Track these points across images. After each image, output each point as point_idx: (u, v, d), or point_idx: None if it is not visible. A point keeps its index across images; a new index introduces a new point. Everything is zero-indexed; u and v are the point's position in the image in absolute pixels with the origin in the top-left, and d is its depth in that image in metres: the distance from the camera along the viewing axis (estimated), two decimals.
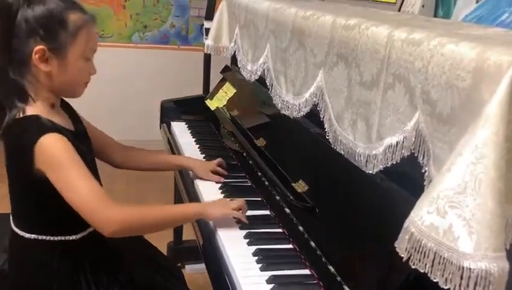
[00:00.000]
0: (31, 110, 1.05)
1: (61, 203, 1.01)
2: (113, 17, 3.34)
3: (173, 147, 1.80)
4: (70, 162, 1.00)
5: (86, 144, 1.18)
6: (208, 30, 1.96)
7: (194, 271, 2.14)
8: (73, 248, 1.08)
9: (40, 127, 1.02)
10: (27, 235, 1.09)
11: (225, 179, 1.45)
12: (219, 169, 1.47)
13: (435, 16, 1.26)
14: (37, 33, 1.01)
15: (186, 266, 2.20)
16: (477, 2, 1.08)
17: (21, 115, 1.04)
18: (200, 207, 1.19)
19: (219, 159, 1.51)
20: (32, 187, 1.03)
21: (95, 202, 1.00)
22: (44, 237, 1.08)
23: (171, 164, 1.52)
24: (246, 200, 1.32)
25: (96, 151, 1.25)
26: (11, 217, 1.13)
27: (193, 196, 1.40)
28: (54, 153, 1.00)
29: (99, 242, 1.12)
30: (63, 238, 1.09)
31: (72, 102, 1.21)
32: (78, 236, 1.10)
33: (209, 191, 1.39)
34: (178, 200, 2.15)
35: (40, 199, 1.03)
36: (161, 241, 1.94)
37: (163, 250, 2.09)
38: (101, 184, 1.20)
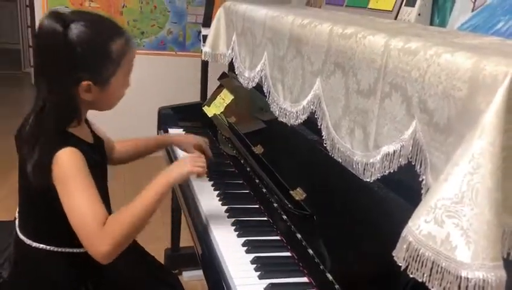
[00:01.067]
0: None
1: None
2: None
3: (170, 154, 1.80)
4: (79, 181, 1.00)
5: (101, 155, 1.19)
6: (205, 37, 1.96)
7: (192, 278, 2.14)
8: (79, 260, 1.08)
9: (62, 140, 1.02)
10: (34, 244, 1.09)
11: (223, 186, 1.45)
12: (202, 144, 1.49)
13: (431, 24, 1.27)
14: (83, 68, 1.02)
15: (184, 273, 2.20)
16: (472, 10, 1.09)
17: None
18: (164, 179, 1.10)
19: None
20: (45, 197, 1.03)
21: (92, 229, 0.97)
22: (51, 248, 1.08)
23: (157, 145, 1.54)
24: (243, 207, 1.33)
25: None
26: (17, 224, 1.13)
27: (189, 197, 1.41)
28: (66, 168, 1.00)
29: None
30: (69, 250, 1.08)
31: None
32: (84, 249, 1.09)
33: (207, 197, 1.39)
34: (175, 200, 2.15)
35: (49, 210, 1.03)
36: (158, 249, 1.94)
37: (161, 257, 2.10)
38: (107, 194, 1.20)
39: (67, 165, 1.00)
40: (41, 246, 1.08)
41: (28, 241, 1.09)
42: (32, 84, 4.85)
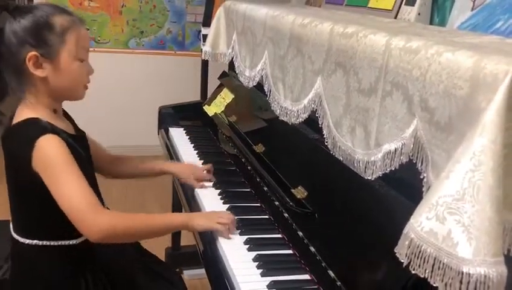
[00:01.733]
0: (31, 114, 1.06)
1: (59, 207, 1.01)
2: (110, 23, 3.34)
3: (171, 153, 1.80)
4: (64, 165, 1.00)
5: (85, 148, 1.18)
6: (205, 36, 1.97)
7: (193, 277, 2.15)
8: (73, 253, 1.08)
9: (39, 128, 1.03)
10: (27, 241, 1.09)
11: (224, 185, 1.46)
12: (204, 175, 1.47)
13: (431, 23, 1.28)
14: (27, 41, 1.03)
15: (185, 272, 2.21)
16: (472, 10, 1.10)
17: (21, 120, 1.05)
18: (186, 218, 1.17)
19: (207, 166, 1.52)
20: (31, 191, 1.04)
21: (83, 207, 0.99)
22: (43, 242, 1.09)
23: (155, 170, 1.50)
24: (245, 206, 1.34)
25: None
26: (10, 223, 1.14)
27: (191, 201, 1.41)
28: (48, 154, 1.00)
29: (99, 247, 1.12)
30: (62, 243, 1.09)
31: (68, 107, 1.21)
32: (78, 241, 1.10)
33: (208, 196, 1.39)
34: (176, 205, 2.16)
35: (38, 202, 1.04)
36: (159, 247, 1.94)
37: (161, 256, 2.10)
38: (98, 189, 1.20)
39: (50, 152, 1.00)
40: (34, 242, 1.09)
41: (22, 240, 1.10)
42: None
